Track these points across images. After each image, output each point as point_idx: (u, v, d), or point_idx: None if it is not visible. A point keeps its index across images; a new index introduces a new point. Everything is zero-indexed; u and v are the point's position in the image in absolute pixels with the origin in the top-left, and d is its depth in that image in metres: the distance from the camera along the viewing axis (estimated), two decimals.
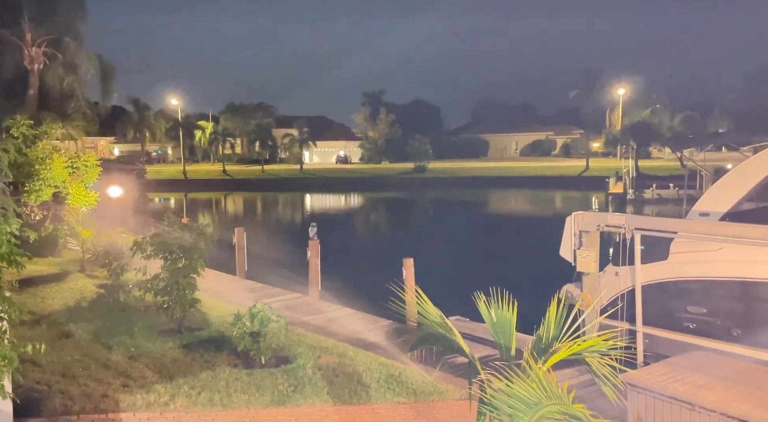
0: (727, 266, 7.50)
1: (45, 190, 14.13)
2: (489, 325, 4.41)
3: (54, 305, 10.04)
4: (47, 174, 14.02)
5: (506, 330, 4.33)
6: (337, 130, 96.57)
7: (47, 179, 14.03)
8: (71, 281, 11.97)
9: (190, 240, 9.16)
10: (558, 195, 55.80)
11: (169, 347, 7.96)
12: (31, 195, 13.94)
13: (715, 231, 7.40)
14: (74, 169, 15.02)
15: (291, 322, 10.45)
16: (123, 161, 67.71)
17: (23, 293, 10.77)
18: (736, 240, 7.06)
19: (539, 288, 7.95)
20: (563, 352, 4.20)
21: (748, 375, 6.09)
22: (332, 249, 23.82)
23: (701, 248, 7.79)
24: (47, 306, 9.88)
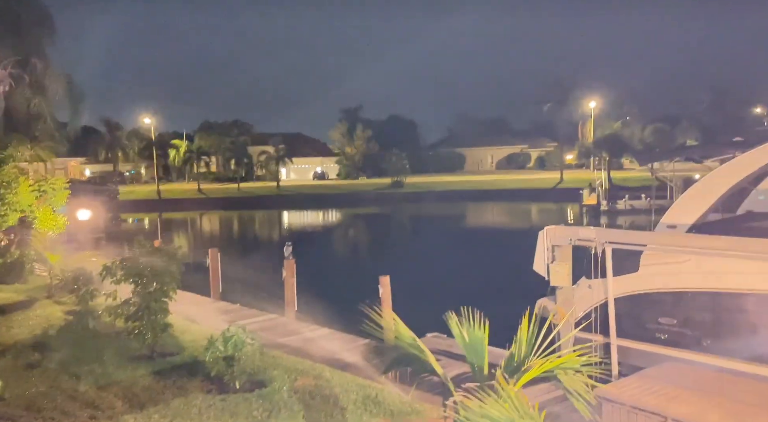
0: (694, 277, 7.63)
1: (11, 215, 13.79)
2: (461, 345, 4.41)
3: (20, 334, 9.73)
4: (13, 198, 13.69)
5: (478, 350, 4.32)
6: (314, 147, 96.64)
7: (13, 203, 13.69)
8: (38, 308, 11.64)
9: (160, 264, 9.01)
10: (534, 207, 56.45)
11: (140, 374, 7.76)
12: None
13: (682, 244, 7.54)
14: (41, 193, 14.70)
15: (267, 344, 10.29)
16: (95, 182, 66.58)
17: None
18: (702, 251, 7.20)
19: (517, 302, 7.97)
20: (535, 370, 4.21)
21: (718, 386, 6.18)
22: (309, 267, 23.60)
23: (669, 260, 7.92)
24: (13, 336, 9.58)
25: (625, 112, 76.58)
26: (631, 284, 8.44)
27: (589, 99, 70.35)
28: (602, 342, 8.69)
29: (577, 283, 9.11)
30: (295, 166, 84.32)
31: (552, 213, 52.44)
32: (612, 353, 8.40)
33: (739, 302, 7.35)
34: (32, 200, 14.35)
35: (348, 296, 13.18)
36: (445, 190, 67.72)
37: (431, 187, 70.04)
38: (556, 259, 8.64)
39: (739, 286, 7.28)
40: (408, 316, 5.84)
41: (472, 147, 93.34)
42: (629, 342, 8.42)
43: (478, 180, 72.96)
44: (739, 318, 7.37)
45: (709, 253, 7.15)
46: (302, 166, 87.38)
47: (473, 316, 4.43)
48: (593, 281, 8.73)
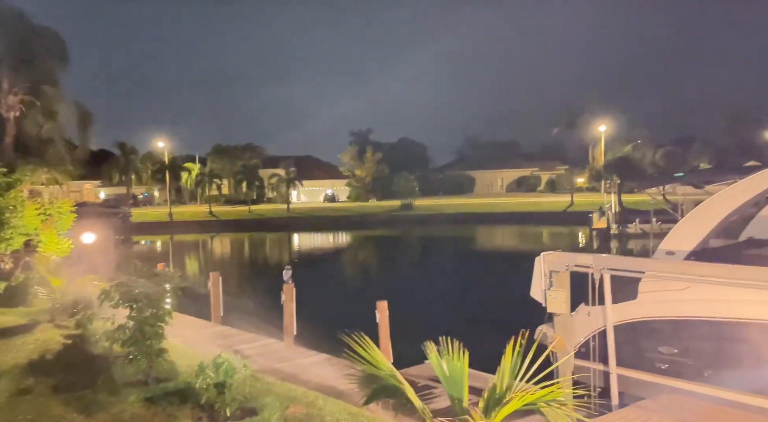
0: (694, 305, 7.47)
1: (16, 238, 13.93)
2: (441, 378, 4.32)
3: (17, 358, 9.72)
4: (18, 222, 13.85)
5: (458, 382, 4.23)
6: (324, 169, 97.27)
7: (18, 227, 13.85)
8: (39, 332, 11.64)
9: (156, 289, 9.01)
10: (544, 230, 56.05)
11: (131, 401, 7.69)
12: (1, 243, 13.72)
13: (680, 271, 7.41)
14: (47, 216, 14.87)
15: (263, 370, 10.21)
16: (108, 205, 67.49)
17: None
18: (700, 279, 7.06)
19: (520, 329, 7.84)
20: (515, 403, 4.10)
21: (714, 419, 6.00)
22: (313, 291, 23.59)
23: (668, 287, 7.78)
24: (10, 360, 9.57)
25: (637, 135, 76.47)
26: (629, 311, 8.30)
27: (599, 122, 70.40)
28: (602, 370, 8.52)
29: (576, 310, 8.97)
30: (305, 189, 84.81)
31: (562, 237, 52.01)
32: (611, 382, 8.22)
33: (740, 331, 7.17)
34: (38, 224, 14.52)
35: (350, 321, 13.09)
36: (455, 212, 67.62)
37: (441, 210, 69.96)
38: (553, 286, 8.53)
39: (739, 315, 7.11)
40: (408, 342, 5.77)
41: (482, 169, 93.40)
42: (629, 371, 8.24)
43: (488, 202, 72.81)
44: (741, 348, 7.17)
45: (708, 281, 7.00)
46: (313, 188, 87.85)
47: (453, 346, 4.35)
48: (592, 308, 8.59)
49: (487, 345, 6.53)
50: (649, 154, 76.62)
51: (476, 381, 6.08)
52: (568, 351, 8.53)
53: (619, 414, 6.60)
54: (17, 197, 14.48)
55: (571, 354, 8.64)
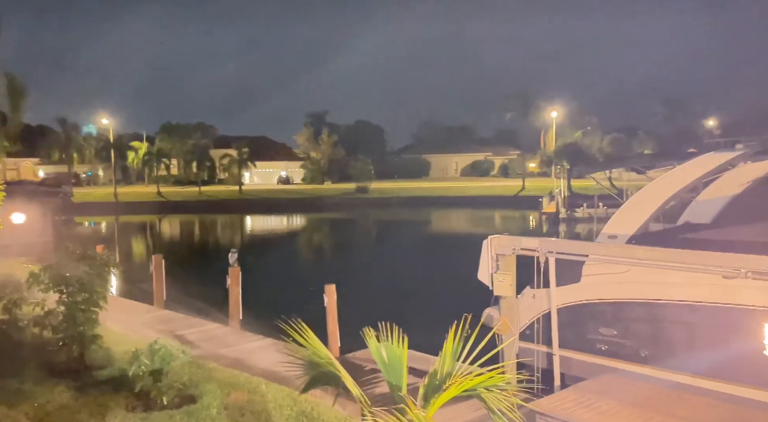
0: (633, 287, 7.63)
1: None
2: (380, 365, 4.18)
3: None
4: None
5: (397, 369, 4.11)
6: (278, 151, 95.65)
7: None
8: None
9: (90, 272, 8.54)
10: (496, 214, 57.03)
11: (59, 390, 7.28)
12: None
13: (621, 254, 7.53)
14: None
15: (206, 355, 9.90)
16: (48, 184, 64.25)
17: None
18: (639, 262, 7.19)
19: (470, 311, 7.81)
20: (454, 389, 4.01)
21: (652, 399, 6.13)
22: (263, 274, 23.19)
23: (610, 270, 7.91)
24: None
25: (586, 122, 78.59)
26: (573, 294, 8.41)
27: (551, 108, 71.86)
28: (545, 352, 8.64)
29: (522, 293, 9.04)
30: (258, 170, 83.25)
31: (513, 221, 53.06)
32: (554, 364, 8.33)
33: (674, 313, 7.37)
34: None
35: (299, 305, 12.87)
36: (410, 196, 67.90)
37: (396, 193, 70.11)
38: (499, 269, 8.54)
39: (675, 297, 7.30)
40: (359, 325, 5.63)
41: (438, 153, 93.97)
42: (571, 353, 8.38)
43: (443, 186, 73.43)
44: (676, 329, 7.38)
45: (647, 264, 7.14)
46: (266, 169, 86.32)
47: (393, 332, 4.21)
48: (537, 291, 8.67)
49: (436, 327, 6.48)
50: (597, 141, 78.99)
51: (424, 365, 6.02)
52: (513, 334, 8.60)
53: (559, 395, 6.68)
54: None
55: (515, 337, 8.72)
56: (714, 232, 8.94)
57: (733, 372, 6.76)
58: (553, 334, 8.31)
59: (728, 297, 6.77)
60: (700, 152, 10.17)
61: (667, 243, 7.54)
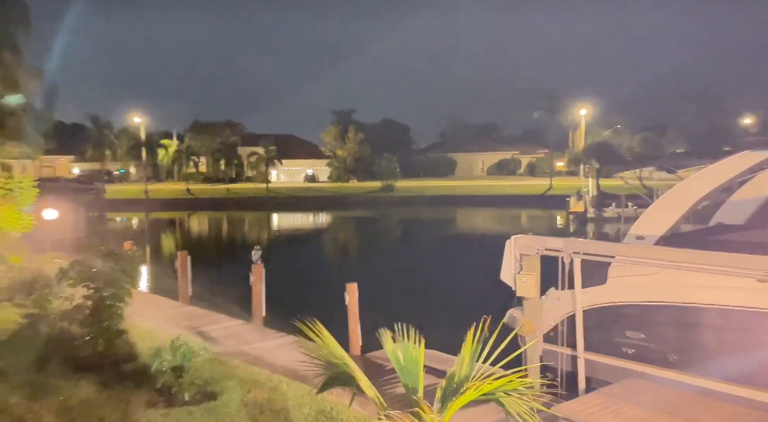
0: (662, 290, 7.39)
1: None
2: (396, 366, 4.12)
3: None
4: None
5: (413, 372, 4.04)
6: (305, 149, 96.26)
7: None
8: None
9: (115, 268, 8.68)
10: (523, 213, 56.37)
11: (84, 384, 7.40)
12: None
13: (649, 256, 7.30)
14: (7, 191, 14.29)
15: (228, 352, 9.97)
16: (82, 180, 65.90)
17: None
18: (668, 264, 6.96)
19: (493, 312, 7.69)
20: (471, 393, 3.92)
21: (680, 405, 5.93)
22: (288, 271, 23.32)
23: (638, 272, 7.68)
24: None
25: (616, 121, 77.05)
26: (599, 296, 8.20)
27: (580, 106, 70.65)
28: (569, 355, 8.45)
29: (546, 294, 8.86)
30: (285, 168, 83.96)
31: (540, 220, 52.37)
32: (579, 367, 8.15)
33: (705, 317, 7.12)
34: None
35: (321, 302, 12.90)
36: (436, 194, 67.61)
37: (422, 192, 69.89)
38: (522, 269, 8.38)
39: (705, 301, 7.04)
40: (382, 323, 5.60)
41: (464, 152, 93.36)
42: (596, 356, 8.17)
43: (469, 185, 72.92)
44: (706, 334, 7.13)
45: (676, 266, 6.91)
46: (293, 167, 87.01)
47: (409, 333, 4.15)
48: (561, 292, 8.48)
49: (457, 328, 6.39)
50: (626, 139, 77.42)
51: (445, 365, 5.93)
52: (536, 336, 8.44)
53: (583, 399, 6.52)
54: None
55: (539, 339, 8.55)
56: (748, 234, 8.62)
57: (766, 379, 6.49)
58: (577, 337, 8.12)
59: (762, 302, 6.50)
60: (735, 151, 9.81)
61: (698, 244, 7.27)
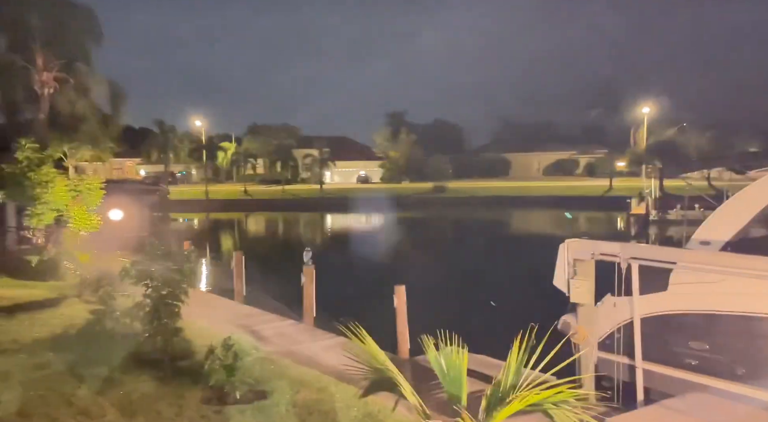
0: (729, 299, 6.97)
1: (47, 214, 14.20)
2: (438, 374, 4.05)
3: (41, 332, 9.93)
4: (49, 197, 14.11)
5: (456, 380, 3.96)
6: (358, 150, 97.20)
7: (49, 203, 14.11)
8: (65, 307, 11.90)
9: (173, 268, 8.98)
10: (581, 215, 54.72)
11: (143, 380, 7.71)
12: (33, 218, 14.01)
13: (714, 262, 6.89)
14: (77, 192, 15.11)
15: (279, 352, 10.15)
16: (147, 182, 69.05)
17: (13, 319, 10.73)
18: (737, 272, 6.54)
19: (544, 319, 7.48)
20: (516, 404, 3.79)
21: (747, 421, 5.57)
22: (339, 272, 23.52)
23: (702, 279, 7.27)
24: (33, 334, 9.78)
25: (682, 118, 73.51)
26: (659, 303, 7.82)
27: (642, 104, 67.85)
28: (626, 364, 8.11)
29: (602, 300, 8.54)
30: (338, 169, 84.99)
31: (598, 222, 50.69)
32: (637, 377, 7.81)
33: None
34: (68, 200, 14.78)
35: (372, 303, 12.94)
36: (489, 195, 66.66)
37: (474, 192, 69.11)
38: (577, 274, 8.11)
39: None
40: (422, 329, 5.56)
41: (519, 152, 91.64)
42: (655, 366, 7.80)
43: (524, 186, 71.50)
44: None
45: (744, 274, 6.49)
46: (346, 169, 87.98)
47: (453, 340, 4.07)
48: (618, 299, 8.15)
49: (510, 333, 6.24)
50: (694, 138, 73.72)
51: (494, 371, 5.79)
52: (591, 344, 8.15)
53: (641, 412, 6.23)
54: (48, 173, 14.74)
55: (593, 347, 8.25)
56: None
57: None
58: (635, 345, 7.79)
59: None
60: None
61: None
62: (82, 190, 15.29)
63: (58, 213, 14.77)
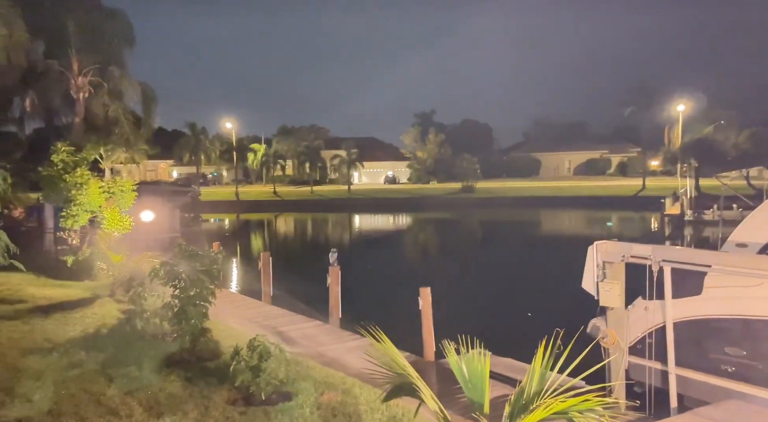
0: (767, 304, 6.69)
1: (82, 215, 14.57)
2: (460, 380, 3.97)
3: (74, 331, 10.16)
4: (84, 199, 14.47)
5: (478, 386, 3.87)
6: (386, 151, 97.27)
7: (84, 204, 14.48)
8: (98, 306, 12.17)
9: (200, 269, 9.10)
10: (613, 215, 53.63)
11: (171, 380, 7.81)
12: (69, 220, 14.39)
13: (752, 266, 6.62)
14: (110, 194, 15.47)
15: (304, 353, 10.18)
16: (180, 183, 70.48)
17: (49, 318, 11.02)
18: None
19: (572, 322, 7.32)
20: (540, 412, 3.69)
21: None
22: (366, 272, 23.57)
23: (739, 283, 7.01)
24: (67, 333, 10.02)
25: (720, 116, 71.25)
26: (693, 308, 7.57)
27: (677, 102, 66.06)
28: (659, 370, 7.87)
29: (633, 304, 8.31)
30: (366, 170, 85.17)
31: (631, 223, 49.59)
32: (670, 384, 7.57)
33: None
34: (102, 201, 15.15)
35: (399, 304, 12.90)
36: (519, 195, 65.89)
37: (504, 193, 68.40)
38: (606, 277, 7.91)
39: None
40: (450, 330, 5.50)
41: (549, 152, 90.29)
42: (690, 372, 7.56)
43: (554, 186, 70.46)
44: None
45: None
46: (374, 169, 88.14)
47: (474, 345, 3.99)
48: (650, 302, 7.92)
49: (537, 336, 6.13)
50: (732, 136, 71.36)
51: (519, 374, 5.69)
52: (622, 348, 7.94)
53: (675, 420, 6.02)
54: (83, 175, 15.12)
55: (624, 352, 8.04)
56: None
57: None
58: (668, 351, 7.56)
59: None
60: None
61: None
62: (115, 191, 15.65)
63: (92, 214, 15.15)
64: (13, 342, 9.30)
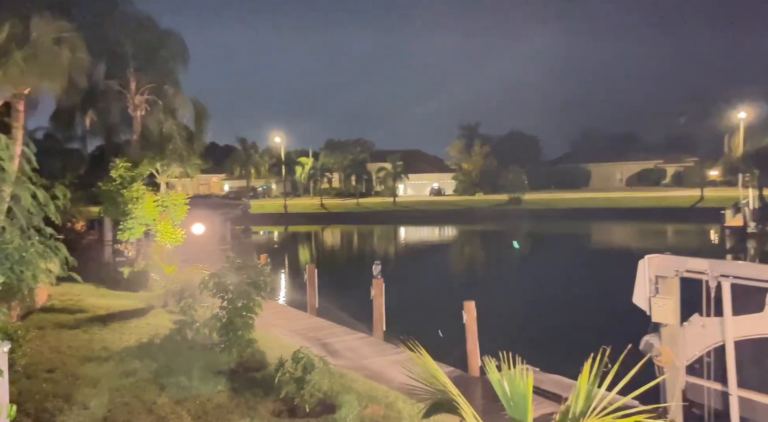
0: None
1: (137, 228, 15.18)
2: (501, 397, 3.89)
3: (129, 341, 10.55)
4: (139, 213, 15.08)
5: (520, 405, 3.78)
6: (430, 163, 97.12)
7: (139, 217, 15.09)
8: (151, 316, 12.60)
9: (246, 281, 9.30)
10: (669, 228, 51.59)
11: (219, 390, 7.98)
12: (125, 232, 15.01)
13: None
14: (164, 207, 16.05)
15: (348, 366, 10.22)
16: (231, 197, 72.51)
17: (106, 328, 11.49)
18: None
19: (622, 339, 7.08)
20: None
21: None
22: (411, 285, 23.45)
23: None
24: (122, 342, 10.41)
25: None
26: (756, 325, 7.18)
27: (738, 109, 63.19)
28: (719, 391, 7.48)
29: (689, 320, 7.95)
30: (412, 182, 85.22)
31: (688, 236, 47.56)
32: (731, 406, 7.19)
33: None
34: (156, 214, 15.75)
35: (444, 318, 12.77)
36: (567, 207, 64.34)
37: (552, 204, 66.96)
38: (659, 292, 7.60)
39: None
40: (495, 344, 5.41)
41: (599, 162, 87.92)
42: (753, 394, 7.15)
43: (605, 197, 68.39)
44: None
45: None
46: (419, 181, 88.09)
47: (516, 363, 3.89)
48: (707, 319, 7.56)
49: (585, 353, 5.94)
50: None
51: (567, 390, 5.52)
52: (677, 367, 7.60)
53: None
54: (139, 189, 15.77)
55: (680, 370, 7.69)
56: None
57: None
58: (729, 371, 7.18)
59: None
60: None
61: None
62: (168, 205, 16.25)
63: (146, 227, 15.77)
64: (74, 350, 9.74)
